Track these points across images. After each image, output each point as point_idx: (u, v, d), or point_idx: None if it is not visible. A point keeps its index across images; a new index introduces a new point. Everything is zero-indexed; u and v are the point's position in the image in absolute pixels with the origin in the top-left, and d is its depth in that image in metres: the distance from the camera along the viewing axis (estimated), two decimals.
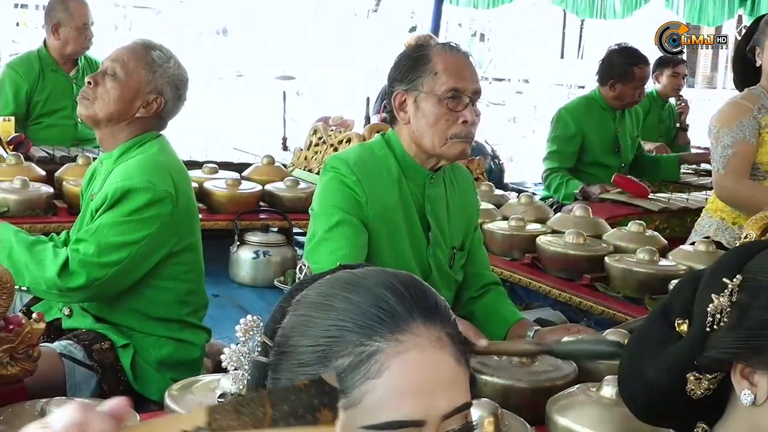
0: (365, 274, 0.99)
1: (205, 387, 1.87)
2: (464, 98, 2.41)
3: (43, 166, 4.14)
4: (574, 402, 1.86)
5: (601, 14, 7.33)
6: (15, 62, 5.19)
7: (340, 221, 2.39)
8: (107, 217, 2.52)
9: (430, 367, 0.93)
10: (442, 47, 2.47)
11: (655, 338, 1.45)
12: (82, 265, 2.47)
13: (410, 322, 0.94)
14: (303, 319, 0.97)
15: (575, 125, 4.95)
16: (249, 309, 3.81)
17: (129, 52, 2.68)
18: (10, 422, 1.73)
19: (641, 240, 3.43)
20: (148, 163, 2.59)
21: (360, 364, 0.91)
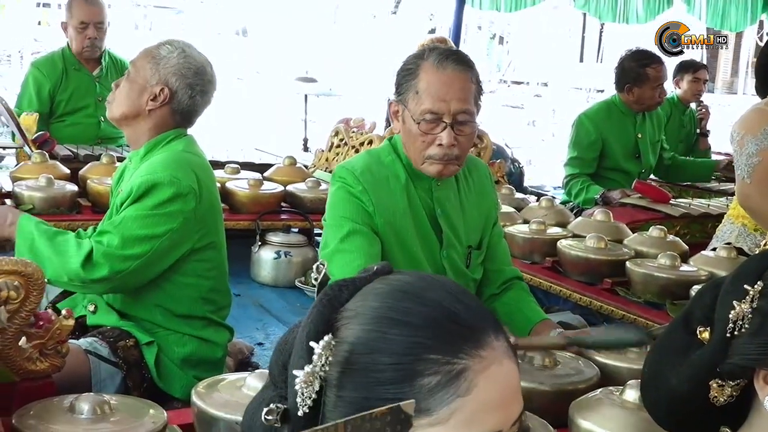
0: (421, 284, 0.98)
1: (231, 385, 1.89)
2: (441, 122, 2.36)
3: (67, 165, 4.17)
4: (597, 405, 1.86)
5: (623, 18, 7.32)
6: (39, 61, 5.24)
7: (351, 231, 2.40)
8: (132, 210, 2.55)
9: (507, 380, 0.95)
10: (433, 61, 2.38)
11: (677, 346, 1.46)
12: (106, 256, 2.49)
13: (485, 335, 0.94)
14: (375, 335, 0.94)
15: (595, 131, 4.94)
16: (270, 309, 3.84)
17: (142, 52, 2.76)
18: (39, 416, 1.75)
19: (662, 245, 3.43)
20: (172, 159, 2.62)
21: (449, 382, 0.91)
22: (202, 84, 2.74)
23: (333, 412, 0.94)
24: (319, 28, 21.31)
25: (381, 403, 0.90)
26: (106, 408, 1.76)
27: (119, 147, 4.92)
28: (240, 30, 22.17)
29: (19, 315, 1.85)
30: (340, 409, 0.93)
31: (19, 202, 3.67)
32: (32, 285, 1.82)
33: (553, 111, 16.93)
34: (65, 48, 5.07)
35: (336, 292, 0.99)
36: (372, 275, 1.02)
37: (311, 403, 0.93)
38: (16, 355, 1.90)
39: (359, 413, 0.91)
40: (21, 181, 3.83)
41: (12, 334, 1.87)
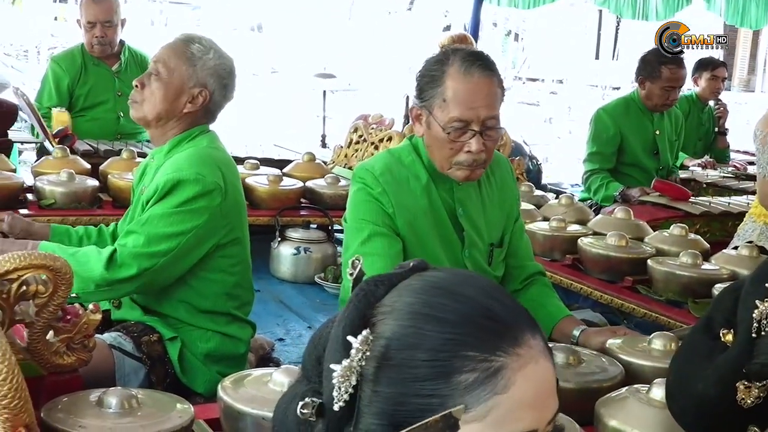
0: (456, 280, 0.99)
1: (257, 380, 1.89)
2: (470, 129, 2.35)
3: (87, 159, 4.20)
4: (623, 404, 1.86)
5: (643, 15, 7.29)
6: (58, 56, 5.29)
7: (372, 234, 2.40)
8: (157, 208, 2.56)
9: (543, 378, 0.95)
10: (459, 66, 2.35)
11: (701, 351, 1.45)
12: (132, 256, 2.50)
13: (522, 333, 0.94)
14: (412, 331, 0.94)
15: (614, 126, 4.94)
16: (290, 305, 3.85)
17: (169, 50, 2.72)
18: (68, 410, 1.76)
19: (683, 243, 3.42)
20: (198, 155, 2.62)
21: (487, 379, 0.91)
22: (233, 84, 2.77)
23: (368, 407, 0.94)
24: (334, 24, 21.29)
25: (416, 399, 0.91)
26: (133, 402, 1.77)
27: (139, 142, 4.94)
28: (255, 26, 22.16)
29: (47, 309, 1.85)
30: (376, 404, 0.93)
31: (40, 197, 3.70)
32: (60, 279, 1.82)
33: (569, 108, 16.88)
34: (84, 43, 5.09)
35: (372, 288, 0.99)
36: (408, 271, 1.02)
37: (347, 398, 0.93)
38: (43, 349, 1.90)
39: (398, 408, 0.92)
40: (42, 176, 3.85)
41: (40, 328, 1.87)
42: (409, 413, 0.91)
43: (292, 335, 3.54)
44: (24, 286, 1.78)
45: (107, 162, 4.12)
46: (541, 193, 4.70)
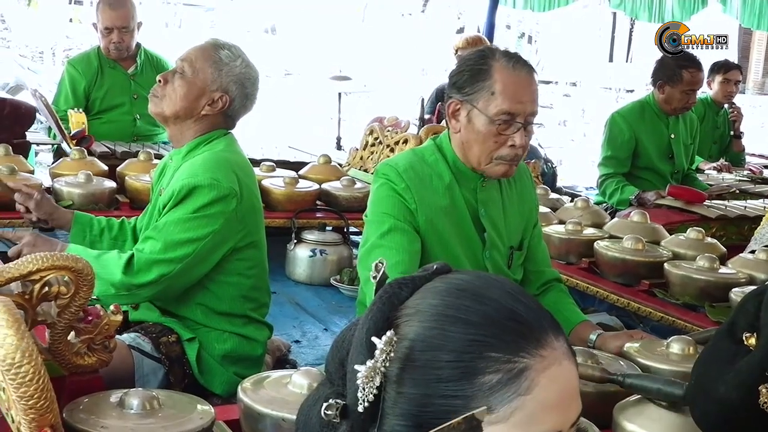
0: (480, 282, 0.99)
1: (277, 382, 1.90)
2: (516, 123, 2.39)
3: (104, 161, 4.22)
4: (642, 408, 1.86)
5: (659, 18, 7.28)
6: (75, 59, 5.31)
7: (392, 228, 2.41)
8: (173, 214, 2.57)
9: (567, 380, 0.95)
10: (506, 61, 2.40)
11: (723, 356, 1.45)
12: (150, 262, 2.53)
13: (546, 335, 0.95)
14: (436, 332, 0.94)
15: (629, 129, 4.93)
16: (306, 307, 3.86)
17: (198, 51, 2.73)
18: (89, 411, 1.77)
19: (700, 247, 3.42)
20: (213, 159, 2.63)
21: (510, 381, 0.91)
22: (255, 94, 2.79)
23: (393, 408, 0.95)
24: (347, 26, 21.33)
25: (440, 400, 0.92)
26: (154, 403, 1.78)
27: (155, 144, 4.96)
28: (269, 28, 22.22)
29: (69, 310, 1.87)
30: (400, 405, 0.94)
31: (58, 198, 3.71)
32: (82, 281, 1.83)
33: (583, 111, 16.87)
34: (100, 47, 5.12)
35: (396, 290, 1.00)
36: (431, 274, 1.03)
37: (372, 399, 0.93)
38: (65, 350, 1.92)
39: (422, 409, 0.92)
40: (60, 177, 3.87)
41: (61, 328, 1.89)
42: (433, 414, 0.91)
43: (309, 337, 3.55)
44: (46, 287, 1.80)
45: (124, 163, 4.14)
46: (557, 196, 4.69)
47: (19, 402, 1.37)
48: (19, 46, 17.09)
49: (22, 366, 1.35)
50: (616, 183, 4.86)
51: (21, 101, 4.84)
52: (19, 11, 17.63)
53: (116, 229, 2.94)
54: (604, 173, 4.97)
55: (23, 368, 1.36)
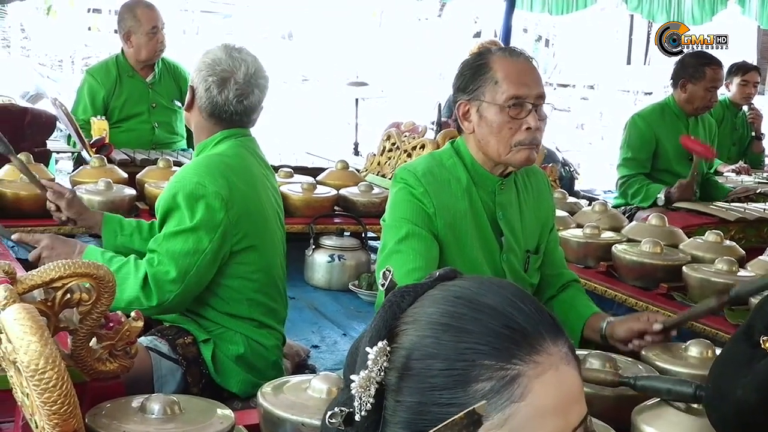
0: (479, 289, 0.99)
1: (296, 387, 1.92)
2: (527, 105, 2.40)
3: (124, 169, 4.25)
4: (660, 412, 1.86)
5: (678, 20, 7.25)
6: (94, 68, 5.33)
7: (409, 234, 2.42)
8: (170, 225, 2.61)
9: (565, 385, 0.95)
10: (502, 53, 2.46)
11: (741, 359, 1.45)
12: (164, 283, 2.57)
13: (542, 341, 0.94)
14: (430, 341, 0.95)
15: (649, 131, 4.93)
16: (324, 312, 3.87)
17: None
18: (111, 416, 1.79)
19: (719, 250, 3.40)
20: (203, 164, 2.67)
21: (503, 388, 0.91)
22: (231, 79, 2.71)
23: (393, 417, 0.95)
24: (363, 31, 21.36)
25: (435, 408, 0.92)
26: (175, 408, 1.80)
27: (174, 151, 4.99)
28: (286, 34, 22.27)
29: (91, 317, 1.89)
30: (399, 413, 0.95)
31: None
32: (103, 287, 1.85)
33: (601, 114, 16.83)
34: (119, 55, 5.15)
35: (398, 299, 1.01)
36: (434, 281, 1.03)
37: (369, 407, 0.94)
38: (87, 356, 1.94)
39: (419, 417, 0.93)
40: (80, 185, 3.90)
41: (83, 335, 1.91)
42: (429, 423, 0.91)
43: (327, 342, 3.57)
44: (68, 294, 1.82)
45: (144, 171, 4.17)
46: (574, 200, 4.68)
47: (42, 408, 1.39)
48: (38, 54, 17.23)
49: (46, 372, 1.38)
50: (639, 182, 4.85)
51: (42, 110, 4.88)
52: (38, 20, 17.76)
53: (146, 231, 2.97)
54: (625, 174, 4.95)
55: (47, 374, 1.38)
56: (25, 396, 1.52)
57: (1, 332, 1.54)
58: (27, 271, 1.84)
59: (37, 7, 16.87)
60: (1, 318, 1.47)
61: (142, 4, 5.01)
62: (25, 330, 1.39)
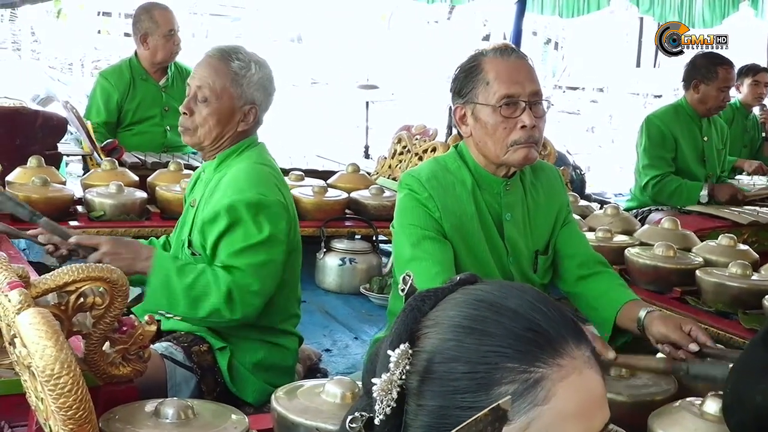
0: (501, 293, 0.99)
1: (310, 391, 1.91)
2: (520, 103, 2.38)
3: (135, 172, 4.25)
4: (677, 417, 1.85)
5: (689, 22, 7.21)
6: (107, 71, 5.33)
7: (422, 238, 2.41)
8: (238, 234, 2.56)
9: (588, 389, 0.94)
10: (493, 53, 2.43)
11: (759, 365, 1.44)
12: (250, 295, 2.55)
13: (564, 344, 0.94)
14: (452, 344, 0.95)
15: (667, 130, 4.93)
16: (335, 315, 3.86)
17: (211, 72, 2.67)
18: (125, 420, 1.79)
19: (732, 253, 3.38)
20: (255, 173, 2.63)
21: (526, 391, 0.91)
22: (274, 89, 2.78)
23: (414, 420, 0.95)
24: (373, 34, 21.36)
25: (458, 411, 0.92)
26: (189, 413, 1.79)
27: (185, 154, 4.99)
28: (295, 37, 22.30)
29: (104, 321, 1.88)
30: (420, 417, 0.95)
31: (90, 209, 3.75)
32: (117, 291, 1.85)
33: (610, 117, 16.79)
34: (132, 58, 5.15)
35: (418, 303, 1.00)
36: (455, 285, 1.03)
37: (389, 411, 0.94)
38: (100, 360, 1.93)
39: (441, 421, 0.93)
40: (92, 188, 3.90)
41: (97, 339, 1.91)
42: (451, 426, 0.90)
43: (339, 346, 3.56)
44: (81, 297, 1.82)
45: (155, 174, 4.17)
46: (586, 203, 4.67)
47: (57, 413, 1.39)
48: (48, 57, 17.28)
49: (61, 377, 1.37)
50: (676, 181, 4.84)
51: (53, 113, 4.88)
52: (48, 23, 17.81)
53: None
54: (655, 174, 4.90)
55: (62, 379, 1.37)
56: (40, 400, 1.52)
57: (16, 336, 1.53)
58: (40, 275, 1.84)
59: (47, 10, 16.88)
60: (16, 322, 1.46)
61: (159, 6, 5.02)
62: (40, 335, 1.39)
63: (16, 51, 17.09)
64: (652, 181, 4.94)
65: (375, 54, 19.80)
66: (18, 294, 1.51)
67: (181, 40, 5.12)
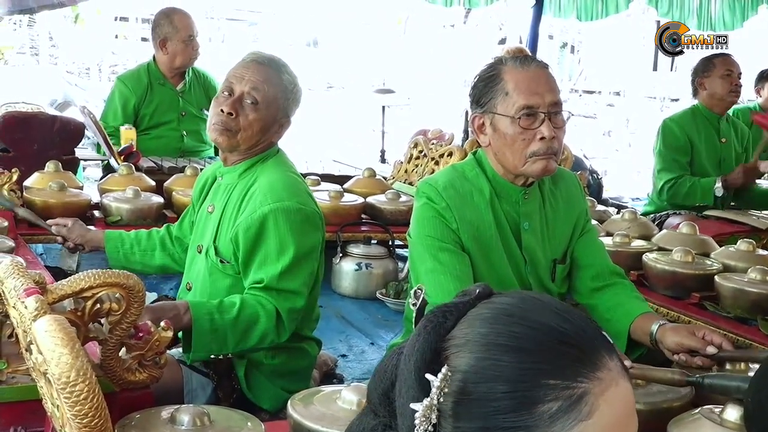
0: (524, 305, 0.97)
1: (327, 398, 1.90)
2: (539, 114, 2.36)
3: (151, 176, 4.26)
4: (697, 425, 1.82)
5: (709, 26, 7.18)
6: (125, 76, 5.35)
7: (439, 251, 2.40)
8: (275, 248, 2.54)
9: (625, 400, 0.94)
10: (513, 63, 2.41)
11: None
12: (295, 314, 2.57)
13: (600, 357, 0.94)
14: (489, 363, 0.93)
15: (682, 134, 4.91)
16: (352, 320, 3.85)
17: (264, 78, 2.64)
18: (141, 427, 1.79)
19: (751, 259, 3.35)
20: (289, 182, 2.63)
21: (570, 407, 0.90)
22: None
23: None
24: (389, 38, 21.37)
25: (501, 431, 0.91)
26: (205, 419, 1.79)
27: (201, 159, 5.01)
28: (311, 41, 22.33)
29: (120, 326, 1.89)
30: None
31: (107, 214, 3.76)
32: (133, 297, 1.85)
33: (627, 120, 16.72)
34: (150, 62, 5.17)
35: (440, 320, 0.98)
36: (474, 299, 1.01)
37: None
38: (116, 366, 1.94)
39: None
40: (108, 193, 3.92)
41: (113, 345, 1.91)
42: None
43: (355, 351, 3.55)
44: (98, 304, 1.83)
45: (171, 179, 4.18)
46: (603, 207, 4.65)
47: (73, 420, 1.39)
48: (66, 62, 17.36)
49: (77, 385, 1.37)
50: (689, 181, 4.82)
51: (70, 118, 4.89)
52: (66, 28, 17.91)
53: (144, 241, 3.04)
54: (669, 177, 4.89)
55: (78, 387, 1.37)
56: (56, 407, 1.52)
57: (32, 343, 1.53)
58: (57, 280, 1.84)
59: (65, 15, 16.98)
60: (33, 329, 1.47)
61: (179, 11, 5.04)
62: (56, 342, 1.39)
63: (35, 56, 17.18)
64: (667, 185, 4.92)
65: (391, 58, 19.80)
66: (34, 301, 1.51)
67: (200, 45, 5.13)
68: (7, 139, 4.20)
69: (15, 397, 1.97)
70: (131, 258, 3.00)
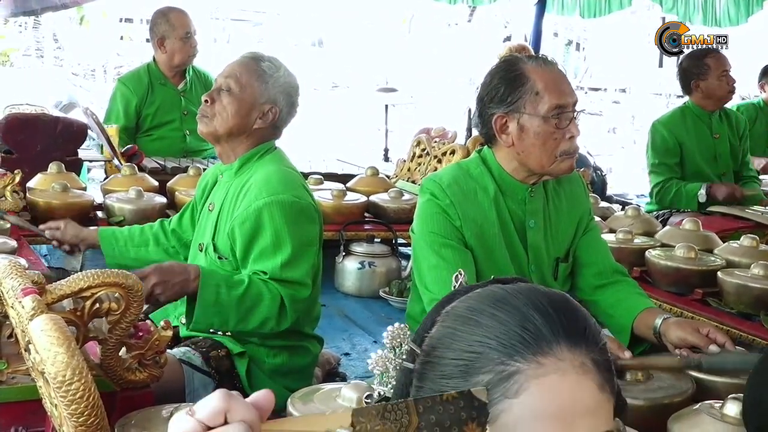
0: (516, 292, 0.98)
1: (327, 395, 1.90)
2: (569, 114, 2.39)
3: (154, 177, 4.27)
4: (697, 420, 1.83)
5: (714, 21, 7.15)
6: (126, 77, 5.36)
7: (442, 246, 2.41)
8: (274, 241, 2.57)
9: (569, 393, 0.92)
10: (536, 63, 2.42)
11: None
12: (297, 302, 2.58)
13: (554, 345, 0.93)
14: (449, 331, 0.97)
15: (671, 137, 4.89)
16: (355, 319, 3.85)
17: (241, 66, 2.74)
18: (140, 426, 1.79)
19: (754, 254, 3.34)
20: (284, 175, 2.64)
21: (499, 382, 0.91)
22: (298, 101, 2.80)
23: None
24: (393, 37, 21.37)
25: None
26: None
27: (205, 159, 5.01)
28: (316, 41, 22.34)
29: (120, 326, 1.89)
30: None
31: (110, 214, 3.77)
32: (132, 297, 1.85)
33: (633, 117, 16.68)
34: (151, 63, 5.17)
35: (450, 297, 1.04)
36: (489, 282, 1.05)
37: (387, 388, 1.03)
38: (116, 365, 1.94)
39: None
40: (111, 193, 3.93)
41: (113, 344, 1.91)
42: None
43: (358, 350, 3.55)
44: (97, 303, 1.83)
45: (174, 179, 4.19)
46: (607, 204, 4.64)
47: (70, 419, 1.39)
48: (71, 64, 17.39)
49: (73, 383, 1.37)
50: (675, 185, 4.81)
51: (74, 119, 4.89)
52: (71, 30, 17.93)
53: (137, 237, 3.07)
54: (658, 181, 4.90)
55: (74, 385, 1.37)
56: (54, 406, 1.52)
57: (30, 343, 1.53)
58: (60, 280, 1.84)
59: (70, 17, 16.99)
60: (29, 329, 1.47)
61: (175, 9, 5.05)
62: (52, 341, 1.39)
63: (40, 58, 17.21)
64: (656, 189, 4.95)
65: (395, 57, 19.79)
66: (31, 301, 1.52)
67: (198, 43, 5.14)
68: (10, 140, 4.21)
69: (15, 397, 1.97)
70: (126, 254, 3.04)
